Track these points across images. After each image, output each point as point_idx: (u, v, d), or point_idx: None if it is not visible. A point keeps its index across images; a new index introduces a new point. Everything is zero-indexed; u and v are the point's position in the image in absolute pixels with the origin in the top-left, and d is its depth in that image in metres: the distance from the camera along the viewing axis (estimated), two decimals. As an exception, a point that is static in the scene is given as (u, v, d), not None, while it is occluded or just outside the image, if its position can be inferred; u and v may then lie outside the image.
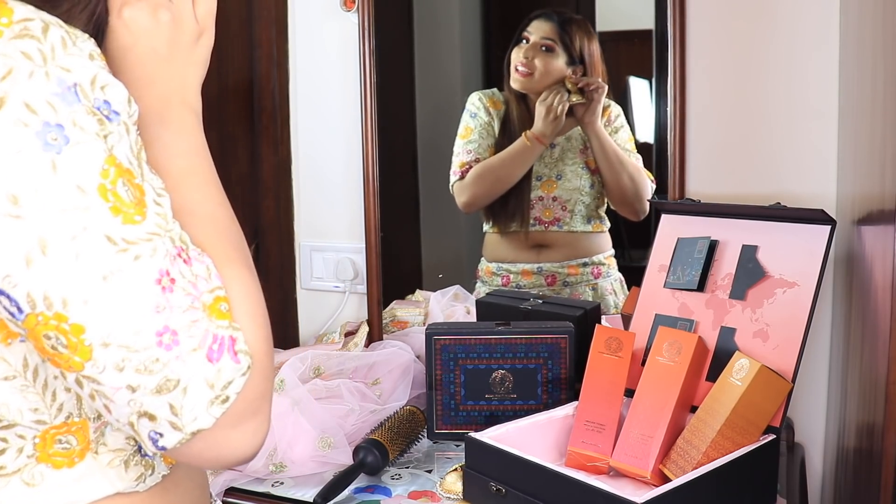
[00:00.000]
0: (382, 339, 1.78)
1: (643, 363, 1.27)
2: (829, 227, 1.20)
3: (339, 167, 1.89)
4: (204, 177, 0.73)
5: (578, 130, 1.73)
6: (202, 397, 0.62)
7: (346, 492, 1.29)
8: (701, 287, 1.31)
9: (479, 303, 1.71)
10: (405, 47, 1.88)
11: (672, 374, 1.20)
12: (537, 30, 1.72)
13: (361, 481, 1.33)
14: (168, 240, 0.63)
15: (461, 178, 1.78)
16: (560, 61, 1.71)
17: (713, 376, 1.20)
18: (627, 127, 1.72)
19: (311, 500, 1.26)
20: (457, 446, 1.43)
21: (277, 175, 1.94)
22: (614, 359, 1.27)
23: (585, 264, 1.76)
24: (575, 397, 1.34)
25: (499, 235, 1.80)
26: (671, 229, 1.38)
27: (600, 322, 1.53)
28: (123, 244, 0.60)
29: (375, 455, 1.33)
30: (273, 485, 1.35)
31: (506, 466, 1.15)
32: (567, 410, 1.32)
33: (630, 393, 1.25)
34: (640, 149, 1.71)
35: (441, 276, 1.90)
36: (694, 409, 1.21)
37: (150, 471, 0.75)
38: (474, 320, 1.71)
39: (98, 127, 0.61)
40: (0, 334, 0.64)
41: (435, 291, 1.86)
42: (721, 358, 1.22)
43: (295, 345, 1.93)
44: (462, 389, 1.43)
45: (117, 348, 0.60)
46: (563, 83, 1.70)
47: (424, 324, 1.78)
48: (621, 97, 1.73)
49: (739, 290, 1.27)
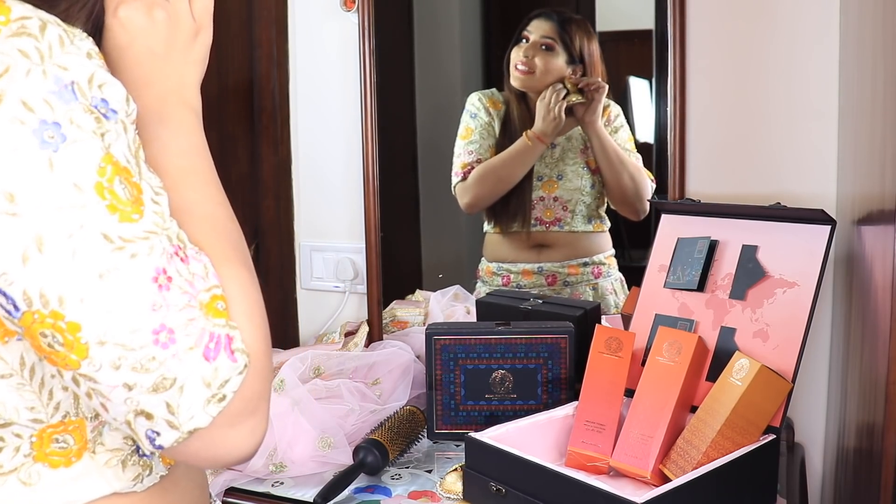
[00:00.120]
0: (382, 339, 1.78)
1: (643, 363, 1.27)
2: (829, 227, 1.20)
3: (339, 167, 1.89)
4: (203, 176, 0.72)
5: (579, 130, 1.73)
6: (199, 396, 0.61)
7: (346, 492, 1.29)
8: (701, 287, 1.31)
9: (479, 303, 1.71)
10: (405, 47, 1.88)
11: (672, 374, 1.20)
12: (537, 29, 1.72)
13: (361, 481, 1.33)
14: (165, 238, 0.63)
15: (463, 179, 1.78)
16: (560, 60, 1.71)
17: (713, 376, 1.20)
18: (627, 127, 1.72)
19: (311, 500, 1.26)
20: (457, 446, 1.43)
21: (277, 175, 1.94)
22: (614, 359, 1.27)
23: (586, 264, 1.75)
24: (575, 397, 1.34)
25: (499, 235, 1.80)
26: (671, 229, 1.38)
27: (600, 322, 1.53)
28: (120, 242, 0.60)
29: (375, 455, 1.33)
30: (273, 485, 1.35)
31: (506, 466, 1.14)
32: (567, 410, 1.32)
33: (630, 393, 1.25)
34: (640, 149, 1.71)
35: (441, 276, 1.89)
36: (694, 409, 1.21)
37: (148, 471, 0.75)
38: (474, 320, 1.71)
39: (95, 125, 0.61)
40: (-3, 332, 0.64)
41: (435, 291, 1.86)
42: (721, 358, 1.22)
43: (295, 345, 1.93)
44: (462, 389, 1.43)
45: (113, 346, 0.59)
46: (563, 82, 1.70)
47: (424, 324, 1.78)
48: (621, 97, 1.73)
49: (739, 290, 1.27)
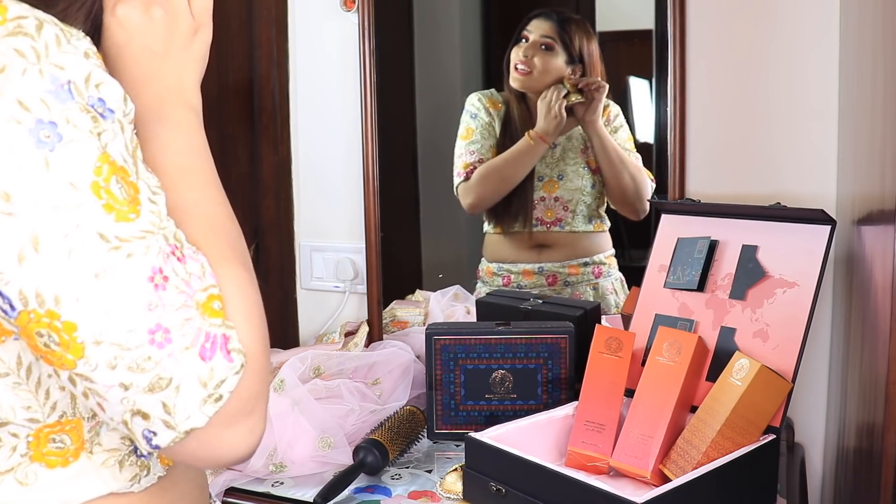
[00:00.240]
0: (382, 339, 1.78)
1: (643, 363, 1.27)
2: (829, 227, 1.19)
3: (339, 167, 1.89)
4: (202, 175, 0.72)
5: (579, 130, 1.73)
6: (195, 396, 0.61)
7: (346, 492, 1.29)
8: (701, 287, 1.31)
9: (479, 303, 1.70)
10: (405, 47, 1.88)
11: (672, 374, 1.20)
12: (537, 28, 1.71)
13: (361, 481, 1.33)
14: (162, 237, 0.63)
15: (466, 180, 1.77)
16: (559, 60, 1.71)
17: (713, 376, 1.20)
18: (626, 126, 1.72)
19: (311, 500, 1.26)
20: (457, 446, 1.42)
21: (277, 175, 1.94)
22: (614, 359, 1.27)
23: (586, 264, 1.75)
24: (575, 397, 1.34)
25: (500, 236, 1.80)
26: (671, 229, 1.38)
27: (600, 322, 1.53)
28: (116, 241, 0.60)
29: (375, 455, 1.33)
30: (273, 485, 1.35)
31: (506, 466, 1.14)
32: (567, 410, 1.31)
33: (630, 393, 1.25)
34: (640, 149, 1.71)
35: (441, 276, 1.89)
36: (694, 409, 1.20)
37: (146, 471, 0.75)
38: (474, 320, 1.71)
39: (92, 125, 0.61)
40: (-6, 332, 0.64)
41: (435, 291, 1.86)
42: (721, 358, 1.22)
43: (295, 345, 1.93)
44: (462, 389, 1.43)
45: (109, 346, 0.59)
46: (563, 82, 1.70)
47: (424, 324, 1.78)
48: (621, 97, 1.73)
49: (739, 290, 1.27)
